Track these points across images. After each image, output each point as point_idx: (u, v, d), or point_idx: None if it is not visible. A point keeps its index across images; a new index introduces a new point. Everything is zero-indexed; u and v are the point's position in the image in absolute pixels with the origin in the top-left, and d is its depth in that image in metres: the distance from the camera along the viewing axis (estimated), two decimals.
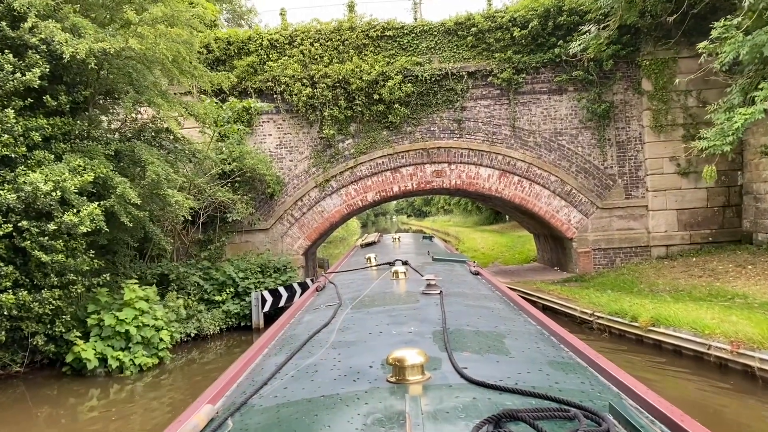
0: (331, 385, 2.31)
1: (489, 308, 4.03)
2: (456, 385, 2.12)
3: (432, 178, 17.05)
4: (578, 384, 2.35)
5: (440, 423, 1.76)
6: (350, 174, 17.01)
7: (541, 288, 14.74)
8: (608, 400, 1.99)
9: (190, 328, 13.11)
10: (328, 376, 2.45)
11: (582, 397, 2.10)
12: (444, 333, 2.89)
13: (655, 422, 1.95)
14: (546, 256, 20.30)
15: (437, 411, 1.85)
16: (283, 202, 17.01)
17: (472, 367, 2.33)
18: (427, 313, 3.49)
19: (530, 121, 16.88)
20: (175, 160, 12.72)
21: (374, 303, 4.04)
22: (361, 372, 2.40)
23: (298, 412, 2.06)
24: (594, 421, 1.72)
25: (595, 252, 16.78)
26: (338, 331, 3.26)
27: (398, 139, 17.00)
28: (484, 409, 1.87)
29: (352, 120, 16.92)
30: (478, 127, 16.90)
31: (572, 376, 2.45)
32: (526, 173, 16.83)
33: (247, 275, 14.75)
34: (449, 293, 4.24)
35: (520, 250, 25.77)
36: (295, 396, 2.25)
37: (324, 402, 2.11)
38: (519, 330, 3.37)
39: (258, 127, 17.04)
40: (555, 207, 16.85)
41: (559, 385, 2.27)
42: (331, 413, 1.98)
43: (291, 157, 17.11)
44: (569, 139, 16.87)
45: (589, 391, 2.27)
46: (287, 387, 2.38)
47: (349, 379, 2.35)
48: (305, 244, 17.06)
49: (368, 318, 3.54)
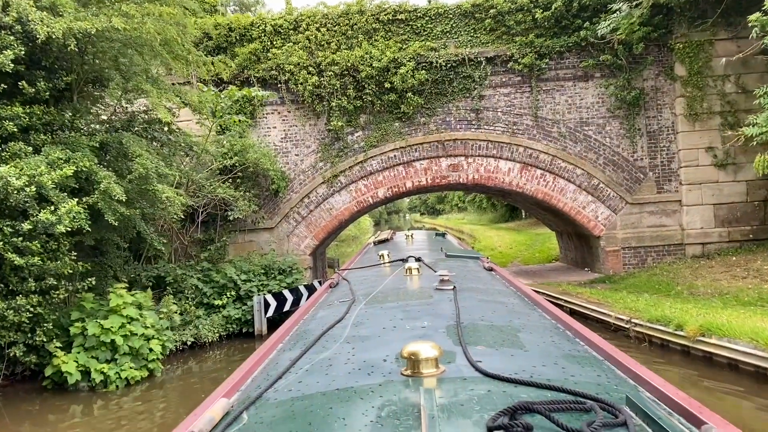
0: (346, 378, 2.30)
1: (503, 303, 3.99)
2: (470, 378, 2.11)
3: (448, 173, 15.91)
4: (594, 377, 2.32)
5: (455, 415, 1.76)
6: (360, 169, 15.93)
7: (567, 290, 13.55)
8: (625, 393, 1.96)
9: (187, 335, 12.10)
10: (343, 369, 2.44)
11: (598, 389, 2.07)
12: (458, 327, 2.88)
13: (672, 414, 1.92)
14: (570, 256, 19.07)
15: (452, 403, 1.85)
16: (288, 199, 15.97)
17: (487, 361, 2.30)
18: (440, 308, 3.47)
19: (554, 110, 15.67)
20: (169, 154, 11.70)
21: (388, 299, 4.04)
22: (376, 366, 2.39)
23: (313, 405, 2.06)
24: (611, 413, 1.70)
25: (625, 251, 15.55)
26: (352, 326, 3.26)
27: (411, 131, 15.88)
28: (499, 402, 1.85)
29: (361, 111, 15.82)
30: (498, 117, 15.73)
31: (588, 369, 2.42)
32: (550, 166, 15.63)
33: (249, 277, 13.72)
34: (463, 289, 4.21)
35: (540, 248, 24.53)
36: (309, 390, 2.25)
37: (338, 395, 2.11)
38: (534, 324, 3.34)
39: (261, 119, 16.00)
40: (581, 202, 15.64)
41: (575, 378, 2.24)
42: (346, 406, 1.99)
43: (297, 151, 16.05)
44: (596, 129, 15.65)
45: (606, 383, 2.23)
46: (302, 381, 2.39)
47: (363, 372, 2.34)
48: (313, 244, 16.01)
49: (382, 313, 3.53)
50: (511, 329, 3.10)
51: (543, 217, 19.75)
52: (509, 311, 3.71)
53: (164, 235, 13.90)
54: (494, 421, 1.61)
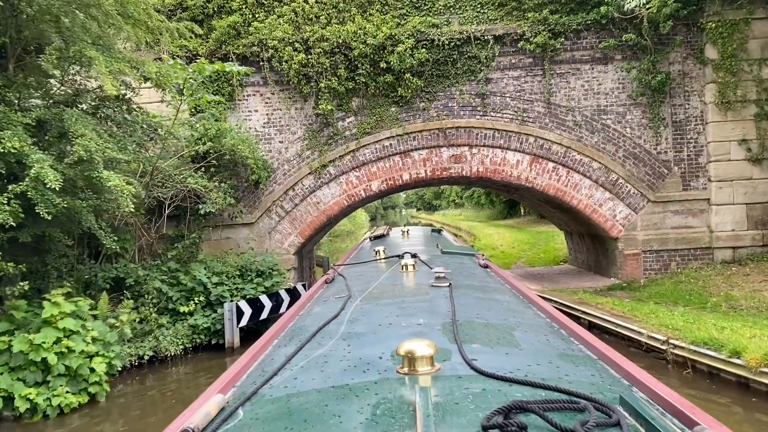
0: (341, 375, 2.30)
1: (498, 301, 4.00)
2: (466, 377, 2.12)
3: (449, 164, 14.23)
4: (588, 376, 2.33)
5: (450, 414, 1.75)
6: (351, 158, 14.23)
7: (584, 300, 11.90)
8: (618, 393, 1.95)
9: (145, 348, 10.40)
10: (338, 366, 2.44)
11: (592, 389, 2.07)
12: (453, 325, 2.88)
13: (665, 414, 1.92)
14: (580, 258, 17.44)
15: (447, 402, 1.85)
16: (271, 191, 14.26)
17: (482, 359, 2.31)
18: (436, 305, 3.48)
19: (568, 96, 14.00)
20: (125, 136, 9.96)
21: (383, 295, 4.04)
22: (371, 363, 2.39)
23: (308, 402, 2.07)
24: (604, 413, 1.70)
25: (646, 254, 13.92)
26: (348, 322, 3.26)
27: (409, 117, 14.18)
28: (494, 401, 1.85)
29: (354, 93, 14.12)
30: (506, 103, 14.05)
31: (582, 369, 2.42)
32: (563, 159, 13.97)
33: (221, 280, 12.01)
34: (458, 285, 4.20)
35: (545, 248, 22.90)
36: (304, 386, 2.25)
37: (334, 392, 2.11)
38: (529, 322, 3.34)
39: (242, 101, 14.28)
40: (597, 200, 13.99)
41: (569, 378, 2.24)
42: (341, 403, 1.98)
43: (281, 138, 14.34)
44: (615, 118, 13.99)
45: (599, 383, 2.24)
46: (297, 377, 2.39)
47: (359, 369, 2.34)
48: (297, 242, 14.32)
49: (378, 310, 3.53)
50: (507, 327, 3.10)
51: (552, 216, 18.10)
52: (505, 309, 3.71)
53: (126, 231, 12.21)
54: (489, 420, 1.62)
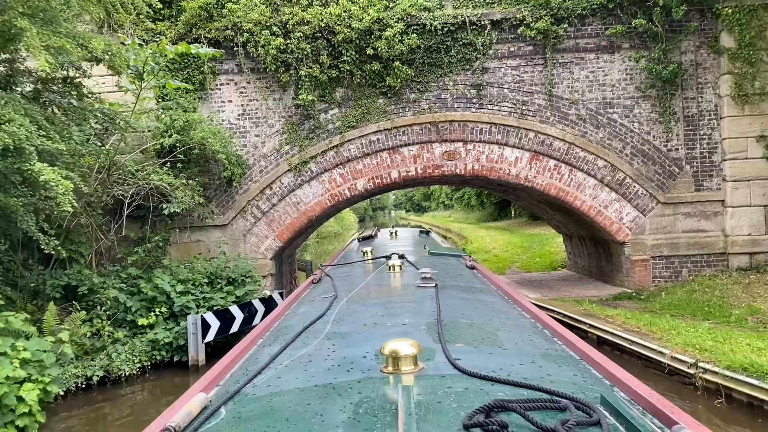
0: (325, 374, 2.30)
1: (484, 301, 4.02)
2: (449, 376, 2.12)
3: (442, 162, 13.03)
4: (570, 376, 2.34)
5: (432, 412, 1.75)
6: (335, 154, 12.99)
7: (591, 311, 10.73)
8: (600, 392, 1.96)
9: (95, 367, 9.08)
10: (322, 366, 2.44)
11: (574, 389, 2.07)
12: (438, 325, 2.88)
13: (646, 414, 1.93)
14: (580, 263, 16.29)
15: (429, 401, 1.85)
16: (245, 189, 12.98)
17: (466, 359, 2.32)
18: (422, 306, 3.49)
19: (572, 87, 12.85)
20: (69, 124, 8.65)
21: (370, 295, 4.07)
22: (355, 362, 2.40)
23: (291, 401, 2.06)
24: (585, 412, 1.70)
25: (655, 260, 12.78)
26: (333, 322, 3.27)
27: (398, 109, 12.97)
28: (476, 400, 1.85)
29: (337, 83, 12.88)
30: (504, 95, 12.87)
31: (565, 369, 2.44)
32: (566, 156, 12.81)
33: (187, 288, 10.71)
34: (444, 286, 4.23)
35: (540, 252, 21.77)
36: (288, 385, 2.25)
37: (317, 391, 2.11)
38: (513, 323, 3.35)
39: (214, 91, 12.98)
40: (602, 201, 12.85)
41: (552, 377, 2.25)
42: (324, 402, 1.98)
43: (257, 132, 13.06)
44: (622, 112, 12.85)
45: (581, 383, 2.25)
46: (281, 376, 2.38)
47: (342, 369, 2.35)
48: (275, 246, 13.04)
49: (363, 310, 3.55)
50: (491, 327, 3.10)
51: (550, 218, 16.94)
52: (490, 309, 3.74)
53: (81, 233, 10.89)
54: (470, 418, 1.62)
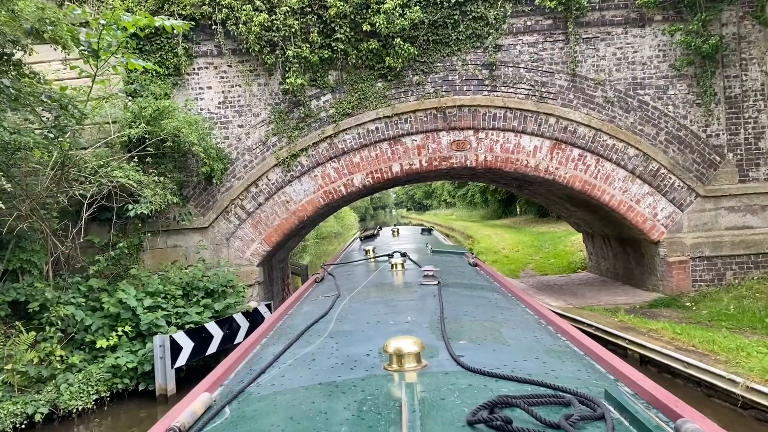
0: (329, 373, 2.30)
1: (486, 298, 4.00)
2: (452, 373, 2.12)
3: (450, 152, 11.48)
4: (574, 371, 2.32)
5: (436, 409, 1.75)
6: (329, 146, 11.44)
7: (628, 323, 9.17)
8: (604, 387, 1.96)
9: (40, 402, 7.53)
10: (326, 364, 2.44)
11: (578, 384, 2.06)
12: (441, 322, 2.89)
13: (650, 407, 1.92)
14: (604, 265, 14.73)
15: (433, 398, 1.85)
16: (228, 187, 11.44)
17: (469, 356, 2.32)
18: (424, 303, 3.50)
19: (597, 66, 11.30)
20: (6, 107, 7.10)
21: (372, 293, 4.06)
22: (359, 360, 2.40)
23: (295, 399, 2.06)
24: (589, 407, 1.70)
25: (695, 262, 11.23)
26: (336, 320, 3.27)
27: (400, 94, 11.42)
28: (480, 396, 1.84)
29: (330, 64, 11.33)
30: (520, 76, 11.32)
31: (569, 364, 2.43)
32: (592, 144, 11.26)
33: (157, 303, 9.17)
34: (447, 284, 4.23)
35: (554, 252, 20.21)
36: (292, 384, 2.25)
37: (321, 389, 2.11)
38: (516, 319, 3.36)
39: (191, 76, 11.44)
40: (634, 195, 11.29)
41: (556, 373, 2.24)
42: (328, 400, 1.97)
43: (240, 121, 11.52)
44: (655, 94, 11.29)
45: (585, 378, 2.24)
46: (285, 375, 2.39)
47: (346, 367, 2.34)
48: (263, 250, 11.50)
49: (366, 308, 3.54)
50: (494, 324, 3.11)
51: (570, 215, 15.37)
52: (492, 306, 3.72)
53: (33, 238, 9.36)
54: (474, 415, 1.62)
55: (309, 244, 41.67)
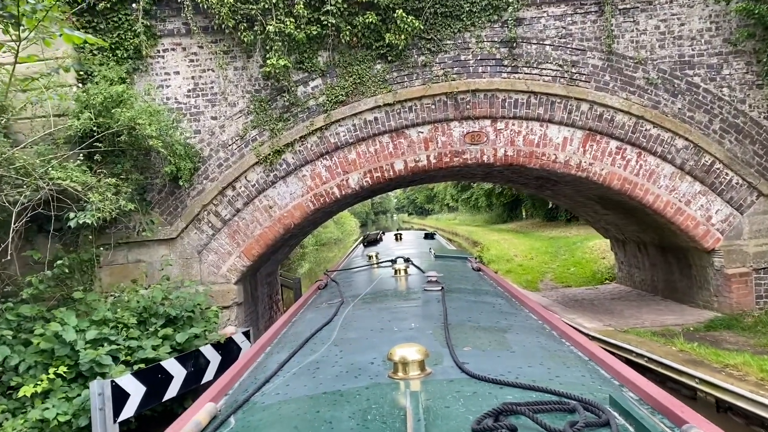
0: (333, 381, 2.30)
1: (490, 304, 4.00)
2: (457, 380, 2.11)
3: (463, 146, 9.66)
4: (579, 377, 2.32)
5: (440, 417, 1.73)
6: (319, 140, 9.64)
7: (693, 353, 7.32)
8: (608, 393, 1.93)
9: None
10: (330, 372, 2.44)
11: (582, 390, 2.05)
12: (445, 329, 2.86)
13: (655, 413, 1.90)
14: (638, 276, 12.86)
15: (437, 406, 1.82)
16: (200, 190, 9.63)
17: (473, 362, 2.31)
18: (428, 310, 3.49)
19: (637, 42, 9.49)
20: None
21: (376, 300, 4.06)
22: (363, 368, 2.40)
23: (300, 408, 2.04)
24: (593, 413, 1.68)
25: (759, 274, 9.40)
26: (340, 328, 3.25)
27: (403, 77, 9.62)
28: (485, 404, 1.82)
29: (320, 43, 9.54)
30: (546, 54, 9.51)
31: (573, 370, 2.42)
32: (632, 135, 9.45)
33: (103, 334, 7.32)
34: (451, 289, 4.18)
35: (573, 260, 18.36)
36: (296, 393, 2.24)
37: (325, 398, 2.09)
38: (520, 325, 3.32)
39: (155, 59, 9.64)
40: (683, 194, 9.47)
41: (560, 379, 2.23)
42: (332, 409, 1.96)
43: (214, 112, 9.71)
44: (707, 74, 9.49)
45: (590, 384, 2.22)
46: (289, 384, 2.38)
47: (350, 375, 2.34)
48: (242, 265, 9.67)
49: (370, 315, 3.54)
50: (498, 330, 3.10)
51: (597, 219, 13.48)
52: (496, 312, 3.69)
53: None
54: (479, 423, 1.60)
55: (308, 251, 39.88)
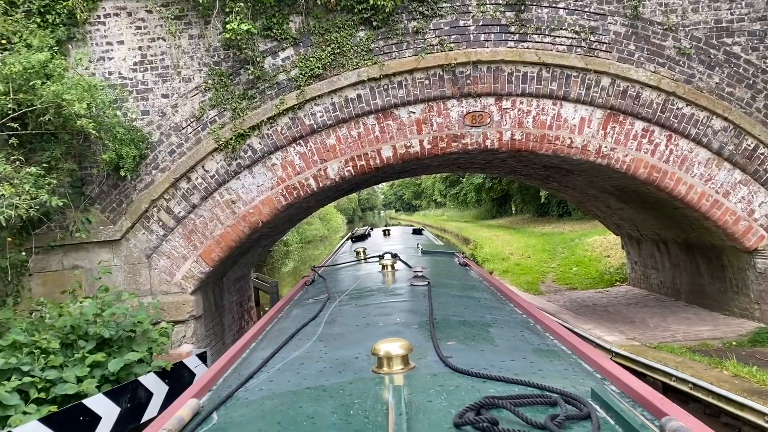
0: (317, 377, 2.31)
1: (476, 298, 4.01)
2: (440, 374, 2.12)
3: (463, 129, 8.17)
4: (561, 371, 2.33)
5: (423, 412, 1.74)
6: (291, 122, 8.10)
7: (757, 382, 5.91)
8: (590, 386, 1.95)
9: None
10: (314, 368, 2.44)
11: (564, 383, 2.05)
12: (430, 323, 2.87)
13: (636, 406, 1.92)
14: (655, 278, 11.46)
15: (420, 400, 1.84)
16: (148, 183, 8.05)
17: (457, 356, 2.32)
18: (414, 304, 3.49)
19: (667, 5, 8.05)
20: None
21: (363, 295, 4.05)
22: (347, 364, 2.40)
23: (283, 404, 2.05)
24: (575, 406, 1.70)
25: None
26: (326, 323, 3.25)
27: (391, 47, 8.09)
28: (467, 397, 1.83)
29: (291, 6, 7.99)
30: (560, 20, 8.04)
31: (556, 363, 2.43)
32: (662, 114, 8.01)
33: (12, 362, 5.74)
34: (437, 284, 4.20)
35: (574, 258, 16.97)
36: (280, 389, 2.24)
37: (309, 394, 2.11)
38: (505, 319, 3.35)
39: (94, 26, 8.04)
40: (721, 184, 8.07)
41: (543, 372, 2.26)
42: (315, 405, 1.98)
43: (165, 89, 8.13)
44: (748, 43, 8.08)
45: (572, 377, 2.23)
46: (273, 380, 2.38)
47: (334, 371, 2.34)
48: (200, 271, 8.12)
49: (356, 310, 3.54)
50: (483, 324, 3.11)
51: (610, 214, 12.03)
52: (482, 306, 3.70)
53: None
54: (461, 416, 1.61)
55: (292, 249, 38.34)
